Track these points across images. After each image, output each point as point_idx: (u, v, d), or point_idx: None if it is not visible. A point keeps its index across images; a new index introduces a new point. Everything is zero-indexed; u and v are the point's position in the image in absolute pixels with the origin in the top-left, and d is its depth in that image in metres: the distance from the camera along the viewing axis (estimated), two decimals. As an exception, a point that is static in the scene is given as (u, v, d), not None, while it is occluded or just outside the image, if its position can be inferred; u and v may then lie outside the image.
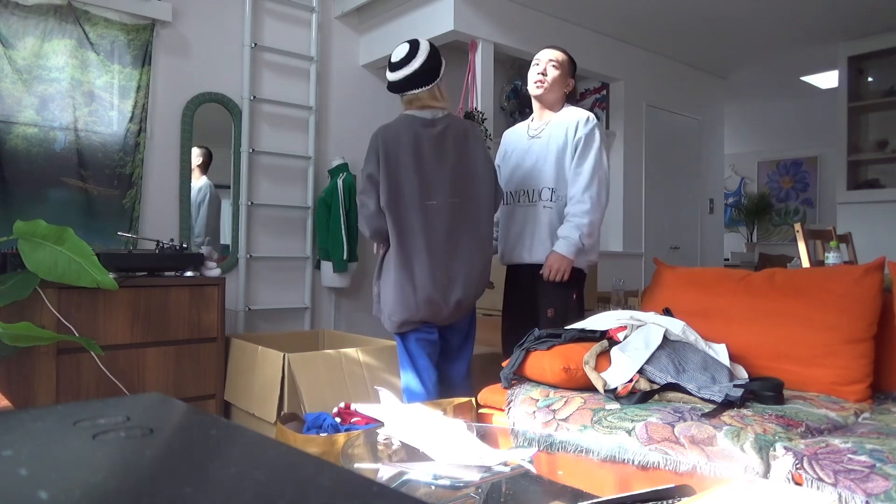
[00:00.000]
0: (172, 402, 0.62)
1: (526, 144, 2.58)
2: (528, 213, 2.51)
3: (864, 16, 4.15)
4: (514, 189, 2.58)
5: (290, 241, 3.65)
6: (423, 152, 2.26)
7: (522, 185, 2.54)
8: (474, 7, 3.48)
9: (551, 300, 2.43)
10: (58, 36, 2.86)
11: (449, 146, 2.29)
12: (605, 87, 4.59)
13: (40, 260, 2.19)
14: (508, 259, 2.59)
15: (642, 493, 1.38)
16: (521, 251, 2.52)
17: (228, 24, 3.40)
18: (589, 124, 2.45)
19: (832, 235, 3.58)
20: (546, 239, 2.45)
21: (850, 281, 2.01)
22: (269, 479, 0.43)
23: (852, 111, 4.69)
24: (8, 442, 0.48)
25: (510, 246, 2.57)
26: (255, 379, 2.66)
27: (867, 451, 1.34)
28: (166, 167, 3.21)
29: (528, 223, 2.50)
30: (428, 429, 1.60)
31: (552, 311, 2.41)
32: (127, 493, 0.40)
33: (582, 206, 2.38)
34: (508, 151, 2.66)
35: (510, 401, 1.98)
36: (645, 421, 1.65)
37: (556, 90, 2.53)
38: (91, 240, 2.79)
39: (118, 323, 2.54)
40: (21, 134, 2.78)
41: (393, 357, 2.76)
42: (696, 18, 4.13)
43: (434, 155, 2.27)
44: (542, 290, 2.46)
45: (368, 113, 3.98)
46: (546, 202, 2.47)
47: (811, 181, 6.65)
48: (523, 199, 2.54)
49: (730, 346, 2.04)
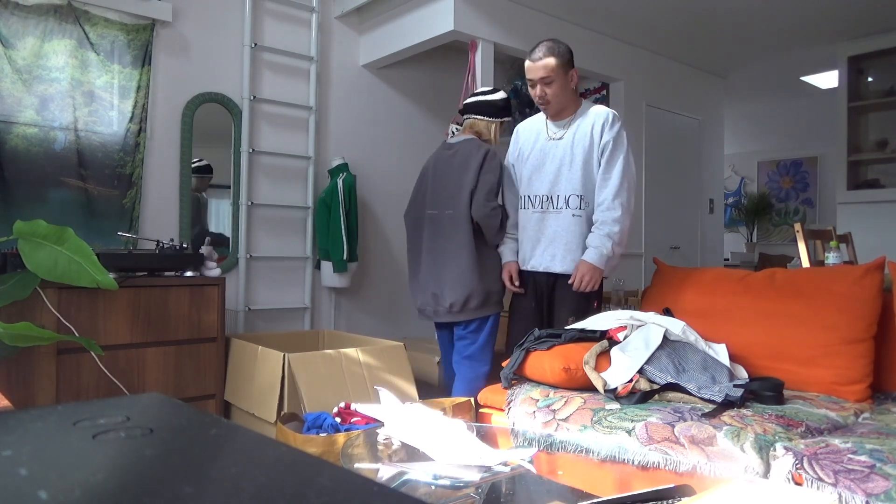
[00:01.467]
0: (172, 402, 0.62)
1: (546, 146, 2.47)
2: (556, 221, 2.42)
3: (864, 16, 4.15)
4: (538, 194, 2.47)
5: (290, 241, 3.65)
6: (432, 171, 2.67)
7: (549, 191, 2.44)
8: (474, 7, 3.48)
9: (573, 308, 2.38)
10: (58, 36, 2.86)
11: (454, 165, 2.56)
12: (605, 87, 4.59)
13: (40, 260, 2.19)
14: (533, 265, 2.48)
15: (642, 493, 1.38)
16: (547, 259, 2.43)
17: (228, 24, 3.40)
18: (615, 126, 2.37)
19: (832, 235, 3.58)
20: (576, 249, 2.38)
21: (850, 281, 2.02)
22: (269, 479, 0.43)
23: (852, 111, 4.69)
24: (8, 442, 0.48)
25: (536, 252, 2.46)
26: (255, 379, 2.66)
27: (867, 451, 1.34)
28: (166, 167, 3.21)
29: (557, 231, 2.41)
30: (428, 429, 1.60)
31: (573, 319, 2.33)
32: (127, 493, 0.40)
33: (613, 213, 2.32)
34: (525, 151, 2.55)
35: (510, 401, 1.98)
36: (645, 421, 1.65)
37: (561, 97, 2.41)
38: (91, 240, 2.79)
39: (118, 323, 2.54)
40: (21, 134, 2.78)
41: (393, 357, 2.76)
42: (696, 18, 4.13)
43: (437, 173, 2.63)
44: (563, 298, 2.42)
45: (368, 113, 3.98)
46: (575, 210, 2.38)
47: (811, 181, 6.65)
48: (547, 205, 2.44)
49: (730, 346, 2.04)
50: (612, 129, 2.36)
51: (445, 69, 4.21)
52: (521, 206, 2.52)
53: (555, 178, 2.43)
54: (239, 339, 2.96)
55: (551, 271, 2.43)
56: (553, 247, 2.42)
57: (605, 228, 2.32)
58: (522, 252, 2.52)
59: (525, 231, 2.51)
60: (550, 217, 2.43)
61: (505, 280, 2.54)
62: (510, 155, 2.63)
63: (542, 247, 2.45)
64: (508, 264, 2.54)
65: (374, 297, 3.98)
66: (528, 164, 2.52)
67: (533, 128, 2.58)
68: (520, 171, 2.56)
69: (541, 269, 2.46)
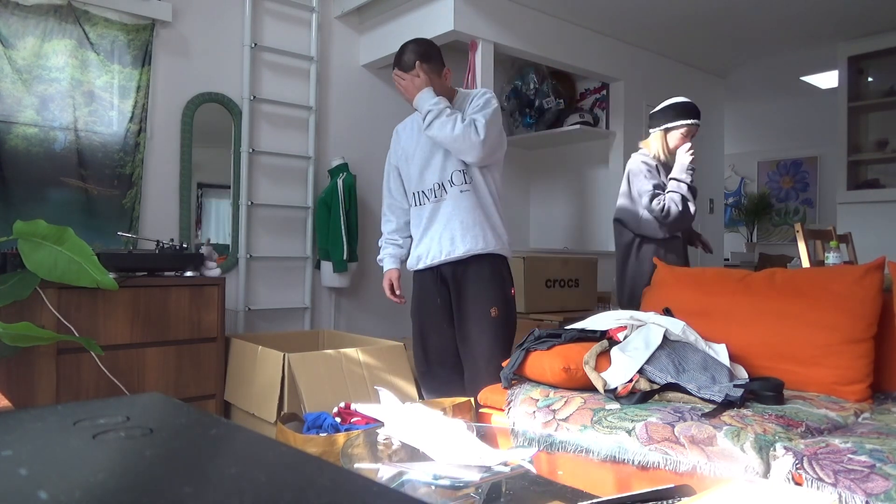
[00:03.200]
0: (172, 402, 0.62)
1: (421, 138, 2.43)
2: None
3: (864, 16, 4.15)
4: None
5: (290, 241, 3.65)
6: None
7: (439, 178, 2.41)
8: (474, 7, 3.48)
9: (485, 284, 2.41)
10: (58, 36, 2.86)
11: None
12: (605, 87, 4.59)
13: (40, 260, 2.19)
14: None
15: (642, 493, 1.38)
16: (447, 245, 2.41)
17: (228, 24, 3.40)
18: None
19: (832, 235, 3.58)
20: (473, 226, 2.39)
21: (850, 281, 2.01)
22: (269, 479, 0.43)
23: (852, 111, 4.69)
24: (8, 442, 0.48)
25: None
26: (255, 379, 2.66)
27: (867, 451, 1.34)
28: (166, 167, 3.21)
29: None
30: (428, 429, 1.60)
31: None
32: (127, 493, 0.40)
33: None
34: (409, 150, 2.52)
35: (510, 401, 1.98)
36: (645, 421, 1.65)
37: (412, 91, 2.33)
38: (91, 240, 2.79)
39: (118, 323, 2.54)
40: (21, 134, 2.78)
41: (393, 357, 2.76)
42: (696, 18, 4.13)
43: None
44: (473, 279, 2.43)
45: (368, 113, 3.98)
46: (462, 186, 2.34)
47: (811, 181, 6.65)
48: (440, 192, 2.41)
49: (730, 346, 2.04)
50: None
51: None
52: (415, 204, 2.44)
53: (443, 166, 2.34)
54: (239, 339, 2.96)
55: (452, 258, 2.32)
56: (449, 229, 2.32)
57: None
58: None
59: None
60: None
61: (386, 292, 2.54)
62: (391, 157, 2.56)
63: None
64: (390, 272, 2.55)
65: (374, 297, 3.98)
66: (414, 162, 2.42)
67: (408, 126, 2.53)
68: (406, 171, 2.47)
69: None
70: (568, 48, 4.02)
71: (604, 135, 4.51)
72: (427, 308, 2.45)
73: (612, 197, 4.55)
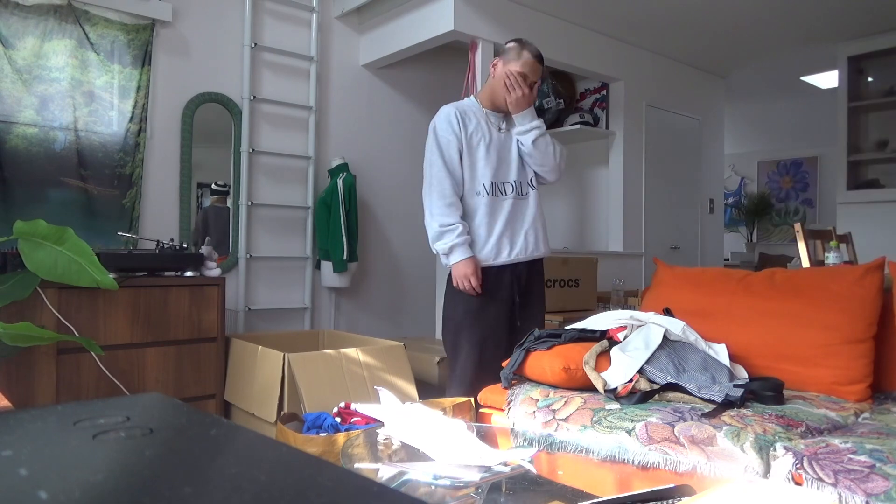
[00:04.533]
0: (172, 402, 0.62)
1: (497, 135, 2.43)
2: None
3: (864, 16, 4.15)
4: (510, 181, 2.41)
5: (290, 241, 3.65)
6: None
7: (518, 177, 2.41)
8: (474, 7, 3.48)
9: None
10: (58, 36, 2.86)
11: None
12: (604, 87, 4.59)
13: (40, 260, 2.19)
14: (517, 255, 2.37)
15: (642, 493, 1.38)
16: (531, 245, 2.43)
17: (228, 24, 3.41)
18: None
19: (832, 235, 3.58)
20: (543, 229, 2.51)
21: (850, 281, 2.01)
22: (269, 479, 0.43)
23: (852, 111, 4.69)
24: (8, 442, 0.48)
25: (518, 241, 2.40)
26: (255, 379, 2.66)
27: (867, 451, 1.34)
28: (166, 167, 3.21)
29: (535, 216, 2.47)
30: (428, 429, 1.60)
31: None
32: (127, 493, 0.40)
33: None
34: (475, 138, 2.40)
35: (510, 401, 1.98)
36: (645, 421, 1.65)
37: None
38: (91, 240, 2.79)
39: (118, 323, 2.54)
40: (21, 134, 2.78)
41: (393, 357, 2.76)
42: (696, 18, 4.13)
43: None
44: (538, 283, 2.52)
45: (368, 113, 3.99)
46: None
47: (811, 181, 6.65)
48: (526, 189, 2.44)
49: (730, 346, 2.04)
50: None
51: (445, 69, 4.21)
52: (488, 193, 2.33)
53: (520, 167, 2.41)
54: (239, 339, 2.96)
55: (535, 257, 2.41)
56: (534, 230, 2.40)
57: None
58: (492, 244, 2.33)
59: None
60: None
61: (463, 283, 2.26)
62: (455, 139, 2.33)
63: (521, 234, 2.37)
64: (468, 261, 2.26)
65: (374, 297, 3.98)
66: (490, 151, 2.36)
67: (471, 115, 2.40)
68: (473, 157, 2.34)
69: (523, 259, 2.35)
70: (568, 48, 4.02)
71: (604, 135, 4.51)
72: (491, 312, 2.31)
73: (612, 197, 4.56)
